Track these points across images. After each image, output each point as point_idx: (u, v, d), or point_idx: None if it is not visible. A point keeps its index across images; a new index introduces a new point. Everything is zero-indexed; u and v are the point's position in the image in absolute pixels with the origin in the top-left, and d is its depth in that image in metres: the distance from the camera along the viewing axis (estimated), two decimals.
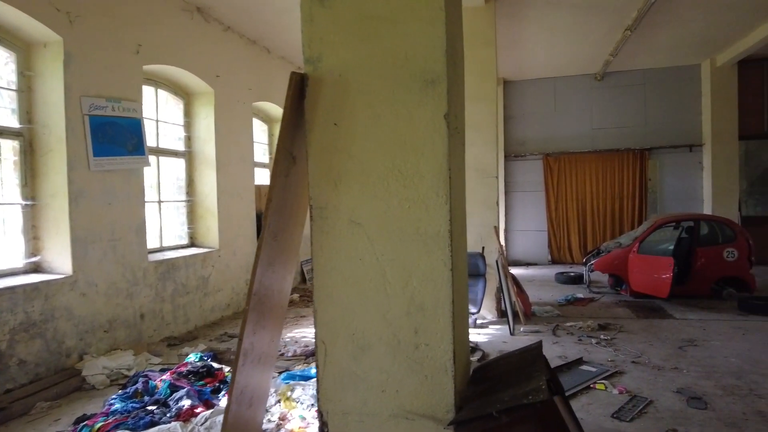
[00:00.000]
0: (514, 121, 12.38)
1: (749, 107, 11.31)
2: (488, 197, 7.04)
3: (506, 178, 12.42)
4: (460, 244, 1.93)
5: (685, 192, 11.60)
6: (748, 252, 7.58)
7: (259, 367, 2.19)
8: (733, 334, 5.95)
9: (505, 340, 6.02)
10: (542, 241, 12.32)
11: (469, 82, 7.01)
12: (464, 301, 2.04)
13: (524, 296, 7.28)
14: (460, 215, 1.97)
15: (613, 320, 6.74)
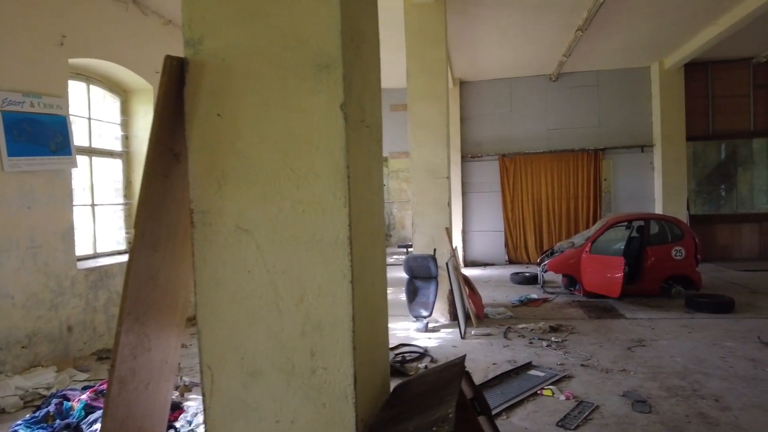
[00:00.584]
0: (471, 122, 12.34)
1: (695, 109, 11.60)
2: (440, 198, 6.89)
3: (463, 179, 12.36)
4: (365, 251, 1.71)
5: (637, 192, 11.80)
6: (694, 250, 7.69)
7: (147, 393, 1.92)
8: (680, 333, 5.98)
9: (455, 344, 5.86)
10: (499, 242, 12.32)
11: (418, 80, 6.90)
12: (374, 317, 1.81)
13: (477, 298, 7.17)
14: (366, 219, 1.75)
15: (566, 321, 6.69)
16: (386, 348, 2.03)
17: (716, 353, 5.20)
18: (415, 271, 6.74)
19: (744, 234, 11.73)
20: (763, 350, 5.25)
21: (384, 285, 2.00)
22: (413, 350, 5.63)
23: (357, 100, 1.66)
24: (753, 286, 8.56)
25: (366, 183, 1.77)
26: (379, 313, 1.88)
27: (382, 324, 1.95)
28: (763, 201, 12.23)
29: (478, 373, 4.88)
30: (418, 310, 6.59)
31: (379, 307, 1.89)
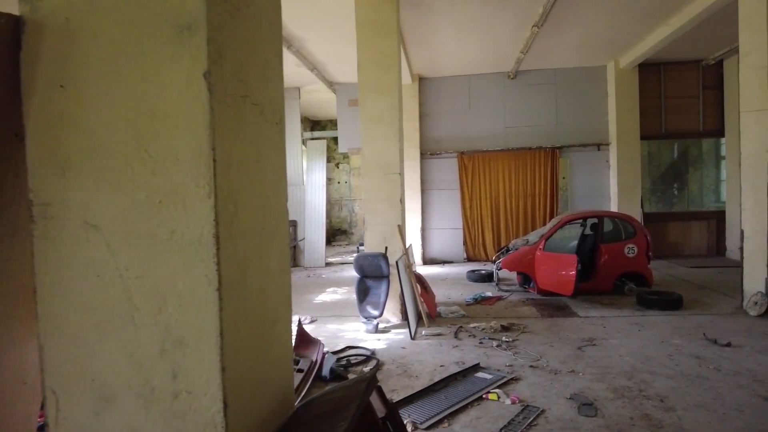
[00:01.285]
0: (430, 119, 12.19)
1: (649, 109, 11.79)
2: (392, 195, 6.67)
3: (422, 176, 12.20)
4: (249, 253, 1.46)
5: (594, 190, 11.91)
6: (646, 248, 7.73)
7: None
8: (630, 331, 5.94)
9: (404, 346, 5.65)
10: (458, 239, 12.23)
11: (369, 73, 6.65)
12: (264, 329, 1.56)
13: (430, 297, 6.99)
14: (252, 215, 1.49)
15: (518, 320, 6.59)
16: (286, 362, 1.78)
17: (664, 351, 5.16)
18: (365, 270, 6.51)
19: (694, 231, 12.00)
20: (708, 347, 5.25)
21: (283, 291, 1.74)
22: (360, 353, 5.39)
23: (234, 71, 1.39)
24: (700, 282, 8.70)
25: (253, 172, 1.51)
26: (274, 324, 1.63)
27: (279, 336, 1.69)
28: (712, 200, 12.57)
29: (425, 376, 4.69)
30: (369, 311, 6.36)
31: (273, 317, 1.63)
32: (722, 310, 6.77)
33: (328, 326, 6.64)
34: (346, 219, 18.00)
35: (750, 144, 6.53)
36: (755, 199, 6.44)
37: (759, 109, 6.33)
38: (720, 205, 12.13)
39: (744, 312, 6.58)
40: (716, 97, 11.79)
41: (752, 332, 5.76)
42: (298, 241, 12.47)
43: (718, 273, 9.55)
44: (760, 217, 6.35)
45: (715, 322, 6.20)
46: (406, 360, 5.16)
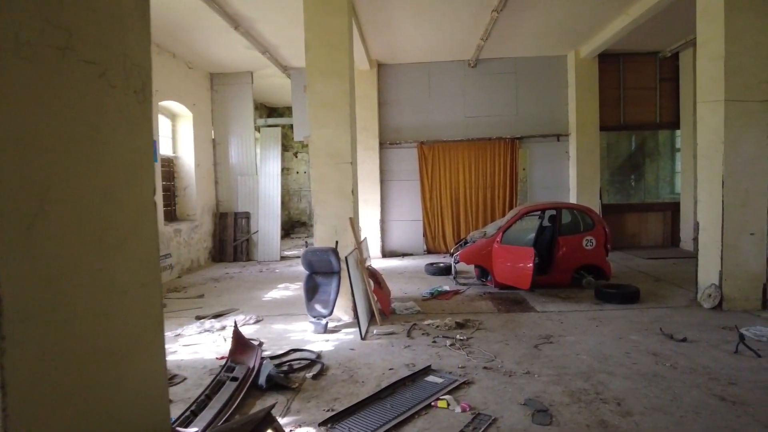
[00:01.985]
0: (389, 107, 11.80)
1: (608, 100, 11.75)
2: (343, 185, 6.27)
3: (381, 167, 11.83)
4: (38, 267, 1.05)
5: (553, 181, 11.82)
6: (605, 240, 7.62)
7: None
8: (588, 327, 5.77)
9: (353, 347, 5.30)
10: (418, 231, 11.95)
11: (318, 54, 6.19)
12: (77, 365, 1.15)
13: (384, 293, 6.66)
14: (62, 212, 1.08)
15: (474, 316, 6.34)
16: (151, 400, 1.38)
17: (621, 348, 4.99)
18: (314, 265, 6.11)
19: (651, 223, 12.10)
20: (664, 343, 5.11)
21: (148, 311, 1.34)
22: (304, 356, 5.00)
23: (40, 7, 0.98)
24: (657, 274, 8.69)
25: (82, 153, 1.10)
26: (127, 355, 1.23)
27: (138, 369, 1.29)
28: (667, 191, 12.71)
29: (372, 381, 4.35)
30: (317, 309, 5.98)
31: (126, 347, 1.23)
32: (678, 303, 6.70)
33: (274, 327, 6.22)
34: (305, 210, 17.48)
35: (706, 135, 6.43)
36: (710, 191, 6.36)
37: (715, 100, 6.23)
38: (675, 197, 12.26)
39: (698, 304, 6.52)
40: (672, 89, 11.86)
41: (706, 325, 5.67)
42: (251, 234, 11.93)
43: (673, 264, 9.60)
44: (714, 209, 6.28)
45: (671, 316, 6.10)
46: (353, 363, 4.81)
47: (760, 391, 3.94)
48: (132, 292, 1.27)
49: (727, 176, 6.11)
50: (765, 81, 6.08)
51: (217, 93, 12.10)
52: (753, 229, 6.14)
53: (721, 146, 6.11)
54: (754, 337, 5.17)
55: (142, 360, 1.31)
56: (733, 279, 6.18)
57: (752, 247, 6.15)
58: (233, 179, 12.20)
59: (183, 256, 10.59)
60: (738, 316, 6.00)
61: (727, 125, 6.07)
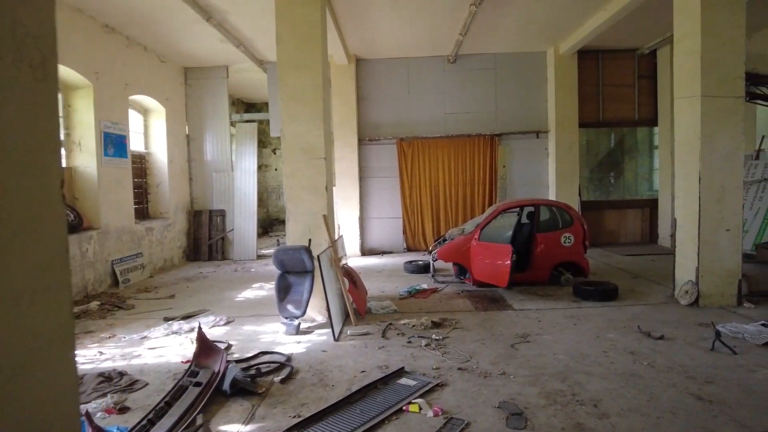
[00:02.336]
0: (368, 103, 11.63)
1: (587, 97, 11.74)
2: (316, 181, 6.09)
3: (361, 164, 11.65)
4: None
5: (533, 177, 11.77)
6: (583, 237, 7.55)
7: None
8: (566, 325, 5.68)
9: (325, 349, 5.12)
10: (397, 229, 11.81)
11: (289, 46, 5.99)
12: None
13: (360, 292, 6.49)
14: None
15: (451, 315, 6.21)
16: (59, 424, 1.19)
17: (599, 347, 4.90)
18: (287, 264, 5.91)
19: (629, 219, 12.14)
20: (642, 341, 5.04)
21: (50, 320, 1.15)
22: (273, 359, 4.81)
23: None
24: (635, 271, 8.68)
25: None
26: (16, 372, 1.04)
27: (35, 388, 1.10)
28: (646, 188, 12.78)
29: (342, 384, 4.18)
30: (290, 310, 5.78)
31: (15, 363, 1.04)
32: (656, 300, 6.66)
33: (244, 328, 6.01)
34: (284, 208, 17.13)
35: (683, 131, 6.39)
36: (687, 187, 6.33)
37: (692, 95, 6.19)
38: (653, 193, 12.32)
39: (676, 301, 6.49)
40: (650, 86, 11.90)
41: (683, 322, 5.63)
42: (226, 232, 11.65)
43: (651, 261, 9.62)
44: (692, 206, 6.24)
45: (649, 313, 6.05)
46: (324, 366, 4.64)
47: (737, 389, 3.88)
48: (28, 298, 1.08)
49: (704, 172, 6.08)
50: (739, 77, 6.05)
51: (192, 88, 11.79)
52: (729, 225, 6.12)
53: (698, 142, 6.08)
54: (730, 333, 5.13)
55: (39, 378, 1.12)
56: (709, 275, 6.15)
57: (728, 243, 6.12)
58: (208, 176, 11.90)
59: (155, 255, 10.29)
60: (714, 312, 5.98)
61: (703, 121, 6.03)
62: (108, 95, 8.47)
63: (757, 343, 4.82)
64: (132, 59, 9.43)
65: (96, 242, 8.19)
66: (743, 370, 4.24)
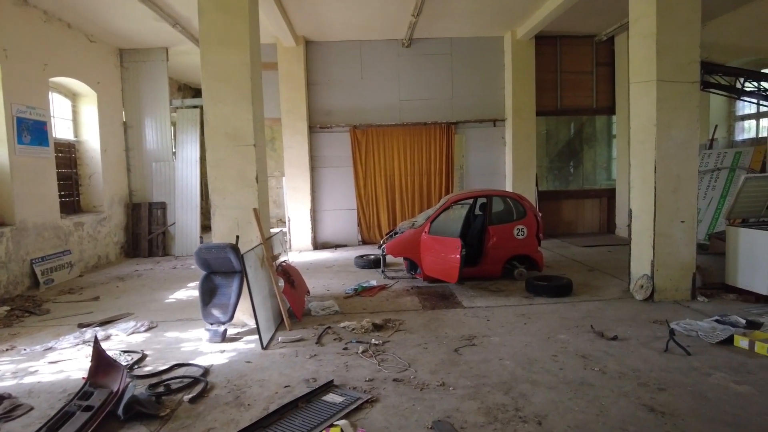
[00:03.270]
0: (319, 88, 11.01)
1: (545, 84, 11.46)
2: (245, 171, 5.50)
3: (312, 152, 11.06)
4: None
5: (490, 167, 11.44)
6: (536, 229, 7.22)
7: None
8: (515, 325, 5.31)
9: (250, 359, 4.58)
10: (352, 221, 11.30)
11: (212, 19, 5.32)
12: None
13: (297, 293, 5.96)
14: None
15: (396, 314, 5.77)
16: None
17: (549, 350, 4.54)
18: (212, 264, 5.33)
19: (587, 209, 11.98)
20: (595, 342, 4.70)
21: None
22: (189, 373, 4.25)
23: None
24: (591, 263, 8.44)
25: None
26: None
27: None
28: (604, 177, 12.65)
29: (260, 403, 3.66)
30: (215, 315, 5.21)
31: None
32: (610, 295, 6.39)
33: (167, 335, 5.40)
34: None
35: (639, 117, 6.09)
36: (643, 177, 6.04)
37: (647, 80, 5.88)
38: (611, 183, 12.20)
39: (631, 296, 6.23)
40: (608, 74, 11.70)
41: (637, 320, 5.34)
42: (167, 226, 10.89)
43: (608, 252, 9.43)
44: (647, 196, 5.96)
45: (603, 310, 5.75)
46: (245, 380, 4.11)
47: (690, 397, 3.56)
48: None
49: (660, 161, 5.79)
50: (695, 60, 5.77)
51: (128, 71, 10.91)
52: (684, 217, 5.86)
53: (654, 129, 5.77)
54: (684, 331, 4.85)
55: None
56: (664, 269, 5.89)
57: (683, 235, 5.87)
58: (148, 166, 11.08)
59: (87, 252, 9.48)
60: (669, 307, 5.73)
61: (659, 107, 5.73)
62: (21, 76, 7.60)
63: (710, 342, 4.55)
64: (53, 37, 8.53)
65: (9, 240, 7.37)
66: (697, 374, 3.93)
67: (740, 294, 5.98)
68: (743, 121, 11.06)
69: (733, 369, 4.01)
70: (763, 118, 10.43)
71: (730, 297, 5.99)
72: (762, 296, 5.73)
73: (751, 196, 6.16)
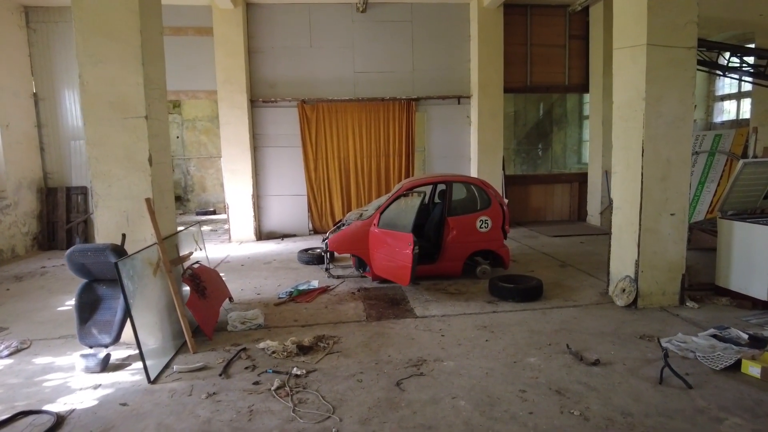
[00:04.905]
0: (262, 57, 9.72)
1: (514, 58, 10.46)
2: (133, 151, 4.29)
3: (254, 130, 9.80)
4: None
5: (453, 149, 10.42)
6: (502, 220, 6.26)
7: None
8: (476, 342, 4.33)
9: (127, 401, 3.45)
10: (302, 208, 10.14)
11: None
12: None
13: (208, 304, 4.82)
14: None
15: (333, 328, 4.72)
16: None
17: (516, 382, 3.57)
18: (93, 271, 4.14)
19: (557, 195, 11.15)
20: (572, 368, 3.77)
21: None
22: (35, 423, 3.10)
23: None
24: (563, 256, 7.57)
25: None
26: None
27: None
28: (574, 161, 11.83)
29: None
30: (95, 335, 4.05)
31: None
32: (586, 299, 5.49)
33: (35, 361, 4.20)
34: (179, 183, 14.99)
35: (624, 90, 5.13)
36: (627, 161, 5.10)
37: (635, 45, 4.90)
38: (582, 167, 11.39)
39: (610, 300, 5.35)
40: (582, 48, 10.77)
41: (621, 333, 4.44)
42: (89, 214, 9.50)
43: (581, 243, 8.59)
44: (632, 184, 5.04)
45: (579, 319, 4.84)
46: None
47: None
48: None
49: (648, 142, 4.85)
50: (692, 21, 4.81)
51: (37, 33, 9.35)
52: (674, 209, 4.97)
53: (642, 104, 4.82)
54: (678, 351, 3.98)
55: None
56: (650, 270, 5.01)
57: (672, 231, 4.99)
58: (65, 145, 9.63)
59: None
60: (656, 315, 4.86)
61: (649, 77, 4.76)
62: None
63: (713, 368, 3.67)
64: None
65: None
66: (705, 420, 3.03)
67: (733, 298, 5.17)
68: (722, 102, 10.34)
69: (749, 410, 3.12)
70: (745, 98, 9.72)
71: (722, 301, 5.17)
72: (760, 301, 4.92)
73: (749, 185, 5.33)
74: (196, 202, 15.12)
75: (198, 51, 9.48)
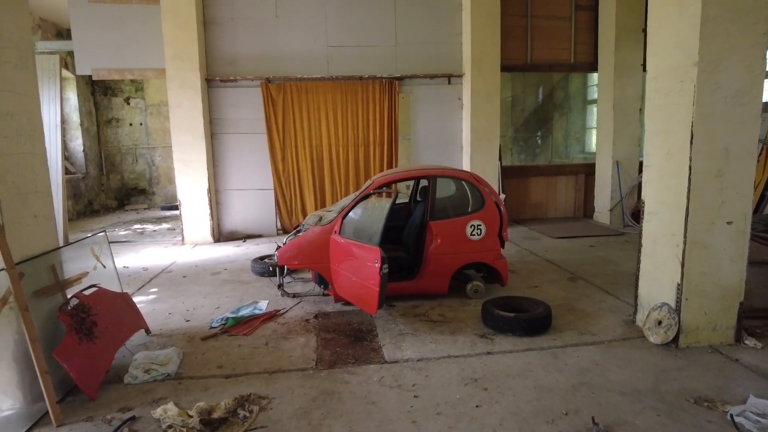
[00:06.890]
0: (220, 29, 8.32)
1: (513, 31, 9.12)
2: None
3: (211, 114, 8.44)
4: None
5: (444, 136, 9.08)
6: (499, 225, 4.96)
7: None
8: (462, 409, 3.05)
9: None
10: (269, 204, 8.81)
11: None
12: None
13: (95, 348, 3.50)
14: None
15: (266, 383, 3.42)
16: None
17: None
18: None
19: (559, 189, 9.86)
20: None
21: None
22: None
23: None
24: (571, 265, 6.29)
25: None
26: None
27: None
28: (577, 150, 10.56)
29: None
30: None
31: None
32: (608, 330, 4.21)
33: None
34: (143, 174, 13.60)
35: (664, 53, 3.81)
36: (668, 150, 3.80)
37: None
38: (587, 157, 10.10)
39: (639, 332, 4.08)
40: (591, 21, 9.42)
41: (664, 392, 3.16)
42: None
43: (591, 247, 7.31)
44: (674, 181, 3.74)
45: (602, 366, 3.56)
46: None
47: None
48: None
49: (699, 125, 3.54)
50: None
51: None
52: (731, 216, 3.68)
53: (693, 71, 3.50)
54: (752, 428, 2.71)
55: None
56: (697, 296, 3.73)
57: (729, 245, 3.70)
58: None
59: None
60: (706, 361, 3.59)
61: (704, 33, 3.44)
62: None
63: None
64: None
65: None
66: None
67: None
68: None
69: None
70: None
71: None
72: None
73: None
74: (162, 195, 13.74)
75: (144, 22, 8.07)
